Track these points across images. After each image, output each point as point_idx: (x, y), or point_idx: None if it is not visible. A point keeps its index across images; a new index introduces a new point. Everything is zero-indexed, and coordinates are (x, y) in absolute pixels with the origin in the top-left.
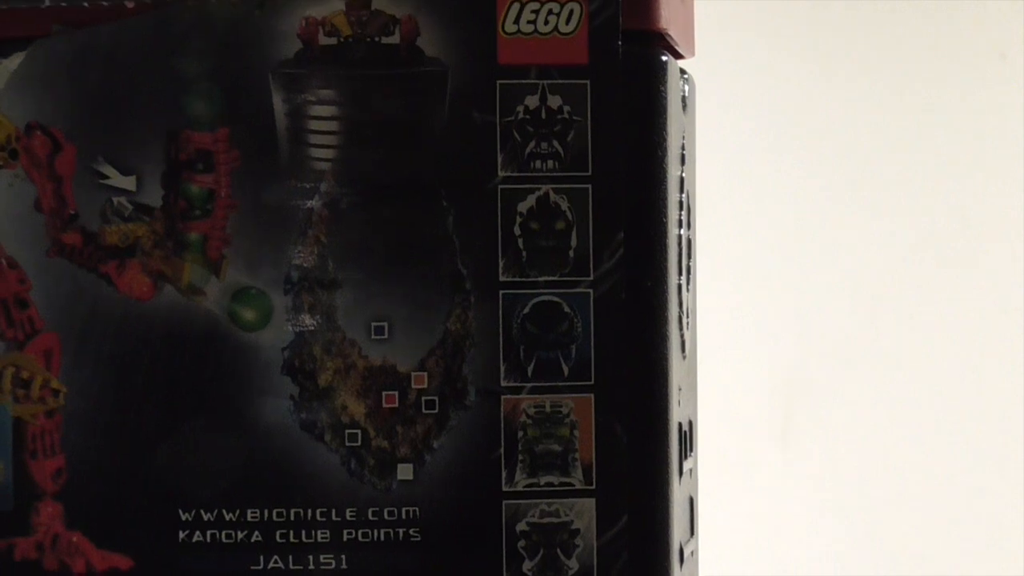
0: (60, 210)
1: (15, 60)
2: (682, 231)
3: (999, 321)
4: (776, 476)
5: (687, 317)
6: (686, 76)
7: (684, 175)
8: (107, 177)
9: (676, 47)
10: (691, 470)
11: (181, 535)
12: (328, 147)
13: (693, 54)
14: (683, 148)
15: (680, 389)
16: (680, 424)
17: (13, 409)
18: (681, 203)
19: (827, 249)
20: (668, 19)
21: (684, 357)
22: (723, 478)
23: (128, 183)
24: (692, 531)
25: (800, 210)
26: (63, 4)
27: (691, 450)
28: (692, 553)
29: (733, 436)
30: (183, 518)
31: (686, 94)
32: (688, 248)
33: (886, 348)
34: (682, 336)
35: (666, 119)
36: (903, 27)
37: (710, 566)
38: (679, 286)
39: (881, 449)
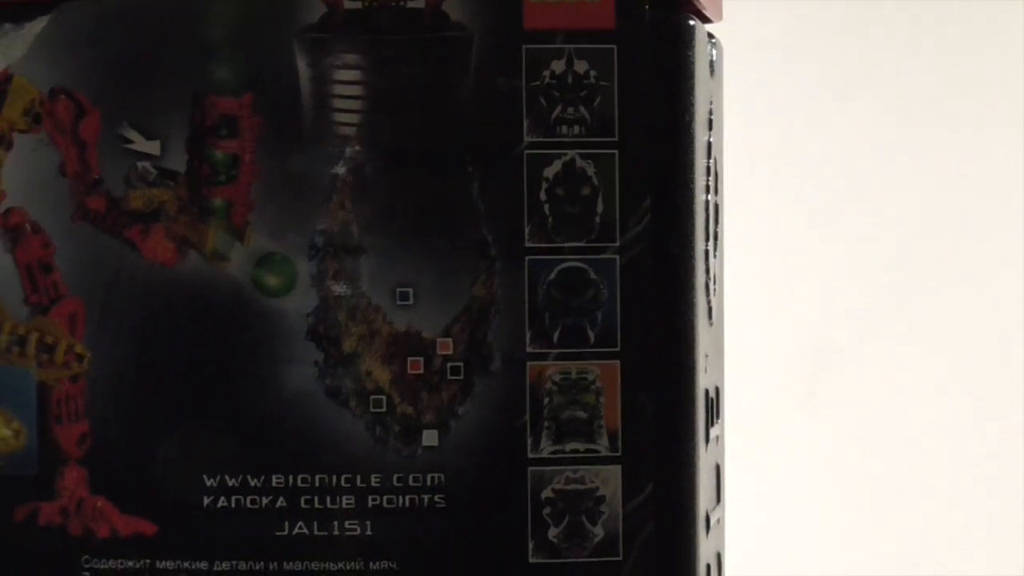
0: (84, 175)
1: (39, 24)
2: (709, 196)
3: None
4: (802, 442)
5: (714, 283)
6: (714, 40)
7: (712, 140)
8: (131, 142)
9: (704, 11)
10: (718, 437)
11: (206, 501)
12: (353, 112)
13: (721, 18)
14: (711, 113)
15: (707, 356)
16: (707, 391)
17: (37, 374)
18: (708, 168)
19: (856, 214)
20: None
21: (711, 324)
22: (748, 444)
23: (152, 148)
24: (719, 499)
25: (829, 175)
26: None
27: (718, 417)
28: (718, 521)
29: (759, 401)
30: (208, 484)
31: (714, 59)
32: (716, 213)
33: (915, 314)
34: (709, 303)
35: (693, 84)
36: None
37: (735, 533)
38: (706, 252)
39: (909, 416)
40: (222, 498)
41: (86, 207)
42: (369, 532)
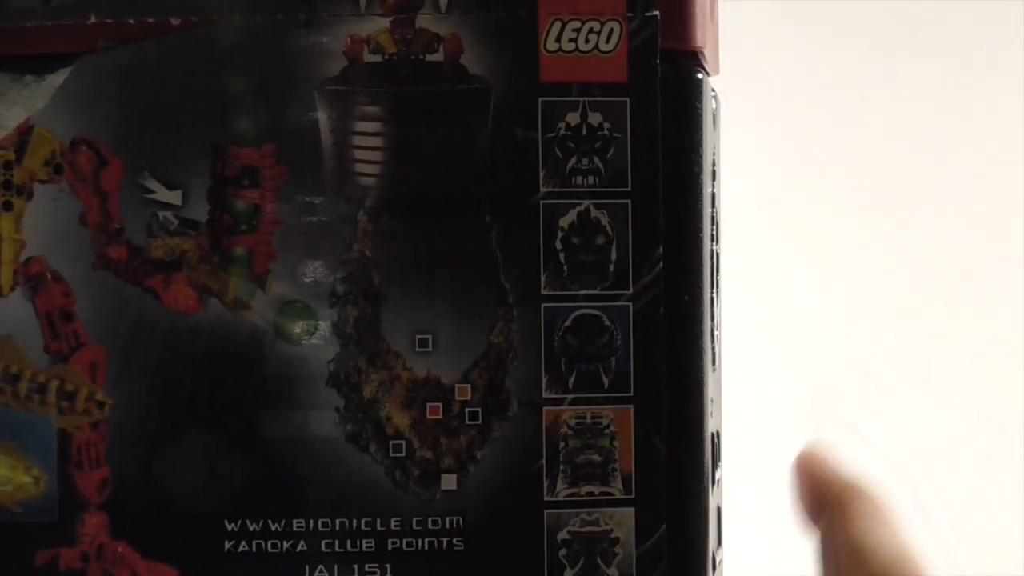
0: (106, 224)
1: (60, 76)
2: (714, 246)
3: None
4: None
5: (716, 330)
6: (714, 93)
7: (715, 191)
8: (153, 192)
9: (705, 64)
10: (719, 479)
11: (227, 545)
12: (373, 163)
13: (719, 71)
14: (714, 164)
15: (712, 400)
16: (712, 434)
17: (58, 421)
18: (713, 218)
19: (859, 261)
20: (702, 38)
21: (714, 369)
22: (751, 490)
23: (174, 198)
24: (719, 540)
25: (829, 221)
26: (108, 21)
27: (719, 460)
28: (720, 561)
29: (762, 448)
30: (229, 528)
31: (715, 110)
32: (717, 262)
33: (917, 361)
34: (713, 349)
35: (702, 136)
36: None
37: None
38: (712, 300)
39: (912, 463)
40: (243, 542)
41: (107, 256)
42: (389, 575)
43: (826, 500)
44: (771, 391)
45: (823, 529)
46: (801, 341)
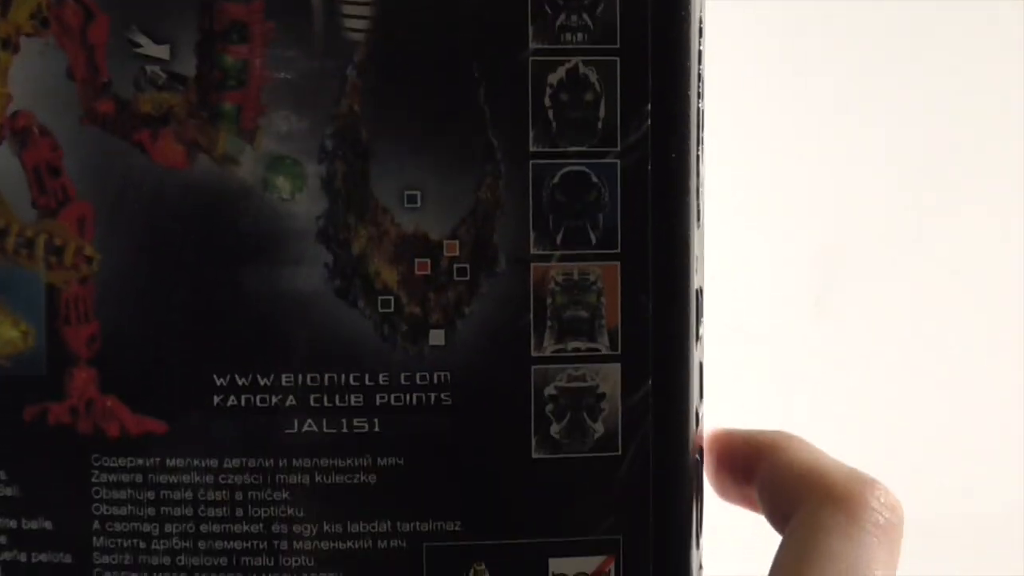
0: (93, 78)
1: None
2: (700, 103)
3: None
4: (809, 351)
5: (701, 187)
6: None
7: (701, 48)
8: (140, 46)
9: None
10: (702, 335)
11: (216, 399)
12: (362, 18)
13: None
14: (701, 21)
15: (697, 257)
16: (696, 291)
17: (45, 276)
18: (699, 75)
19: (865, 120)
20: None
21: (699, 226)
22: (755, 352)
23: (162, 52)
24: (701, 395)
25: (841, 81)
26: None
27: (702, 315)
28: (702, 416)
29: (766, 310)
30: (217, 383)
31: None
32: (702, 119)
33: (926, 223)
34: (698, 206)
35: None
36: None
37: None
38: (697, 157)
39: (917, 329)
40: (232, 397)
41: (95, 110)
42: (377, 429)
43: (759, 448)
44: (776, 253)
45: (765, 471)
46: (809, 201)
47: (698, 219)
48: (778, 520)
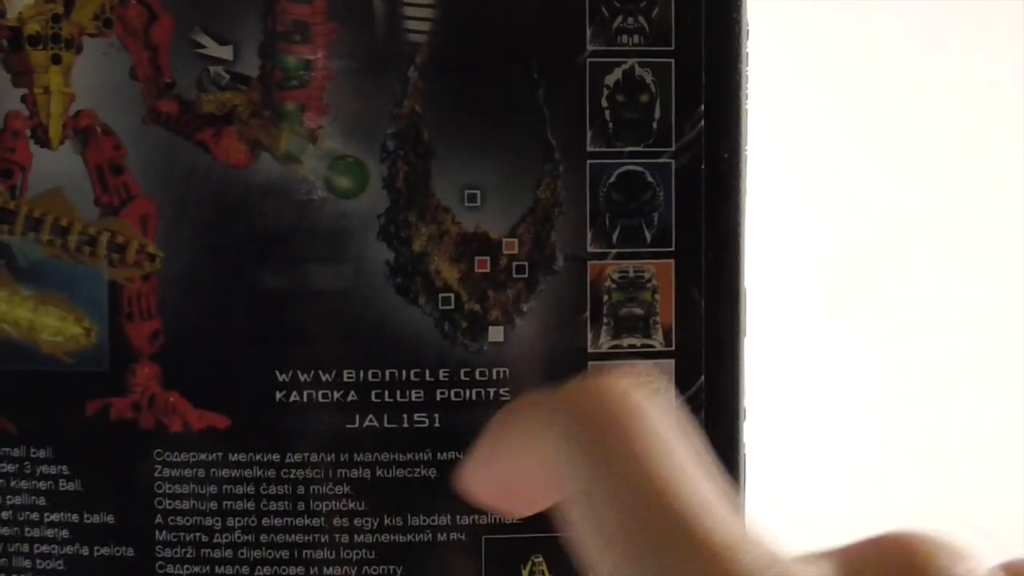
0: (156, 78)
1: None
2: (746, 104)
3: None
4: (826, 348)
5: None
6: None
7: (747, 50)
8: (204, 47)
9: None
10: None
11: (278, 395)
12: (424, 20)
13: None
14: (747, 24)
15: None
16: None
17: (108, 273)
18: (746, 77)
19: (881, 118)
20: None
21: None
22: (772, 348)
23: (225, 52)
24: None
25: (857, 80)
26: None
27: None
28: (745, 410)
29: (783, 306)
30: (280, 379)
31: None
32: (747, 120)
33: (943, 220)
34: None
35: None
36: None
37: (761, 437)
38: (744, 157)
39: (934, 323)
40: (294, 393)
41: (158, 110)
42: (437, 424)
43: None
44: (794, 249)
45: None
46: (827, 198)
47: None
48: None
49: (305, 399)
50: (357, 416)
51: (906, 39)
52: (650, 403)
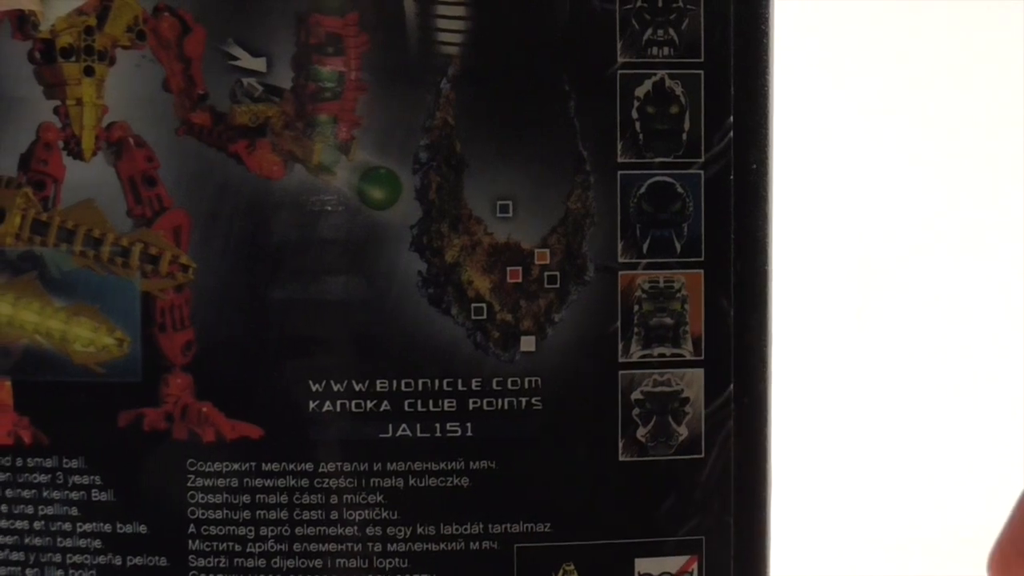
0: (189, 90)
1: None
2: (775, 115)
3: None
4: (854, 356)
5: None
6: None
7: (772, 61)
8: (237, 59)
9: None
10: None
11: (311, 405)
12: (456, 32)
13: None
14: (775, 35)
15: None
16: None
17: (141, 284)
18: (772, 88)
19: (906, 128)
20: None
21: None
22: (801, 356)
23: (258, 65)
24: None
25: (883, 90)
26: None
27: None
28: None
29: (811, 314)
30: (313, 389)
31: None
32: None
33: (971, 227)
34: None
35: (770, 10)
36: None
37: (786, 442)
38: (774, 167)
39: (958, 332)
40: (327, 402)
41: (191, 122)
42: (470, 433)
43: None
44: (818, 259)
45: None
46: (850, 209)
47: None
48: None
49: (338, 409)
50: (390, 426)
51: (935, 48)
52: None
